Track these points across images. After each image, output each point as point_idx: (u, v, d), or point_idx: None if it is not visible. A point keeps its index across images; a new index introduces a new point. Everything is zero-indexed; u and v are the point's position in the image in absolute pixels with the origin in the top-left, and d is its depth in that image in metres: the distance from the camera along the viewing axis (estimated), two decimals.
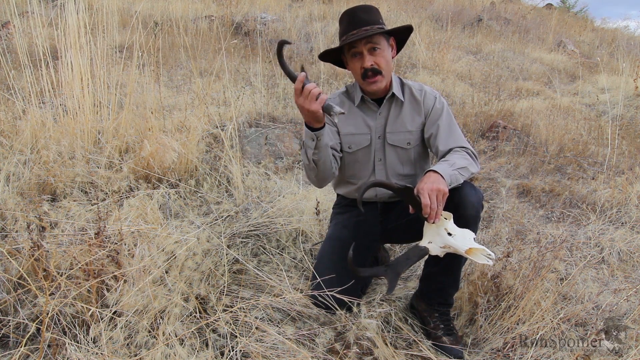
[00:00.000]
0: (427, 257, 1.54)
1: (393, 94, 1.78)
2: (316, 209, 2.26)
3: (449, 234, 1.47)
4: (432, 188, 1.43)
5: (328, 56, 1.83)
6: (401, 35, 1.80)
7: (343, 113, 1.46)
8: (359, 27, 1.66)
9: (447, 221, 1.49)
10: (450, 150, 1.70)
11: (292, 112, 4.06)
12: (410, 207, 1.50)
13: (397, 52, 1.82)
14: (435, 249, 1.49)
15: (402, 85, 1.83)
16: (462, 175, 1.57)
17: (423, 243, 1.50)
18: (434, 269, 1.71)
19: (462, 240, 1.46)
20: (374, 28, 1.66)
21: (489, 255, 1.44)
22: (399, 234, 1.91)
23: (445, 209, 1.50)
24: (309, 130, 1.60)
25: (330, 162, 1.71)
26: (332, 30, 6.80)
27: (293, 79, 1.49)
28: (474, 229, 1.60)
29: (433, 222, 1.46)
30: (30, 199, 2.09)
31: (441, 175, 1.48)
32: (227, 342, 1.49)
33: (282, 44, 1.48)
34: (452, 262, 1.63)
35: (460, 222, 1.55)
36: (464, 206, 1.57)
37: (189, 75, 4.54)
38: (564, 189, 3.18)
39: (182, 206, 2.32)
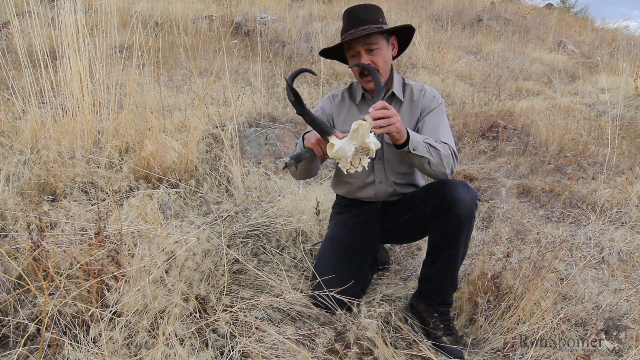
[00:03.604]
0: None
1: (393, 93, 1.79)
2: (316, 209, 2.26)
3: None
4: (394, 112, 1.45)
5: (329, 53, 1.83)
6: (403, 34, 1.80)
7: (286, 166, 1.48)
8: (356, 27, 1.67)
9: (369, 133, 1.40)
10: None
11: (291, 112, 4.06)
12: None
13: (403, 50, 1.83)
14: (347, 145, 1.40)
15: (404, 85, 1.84)
16: (430, 153, 1.56)
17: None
18: (431, 269, 1.71)
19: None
20: (371, 27, 1.66)
21: (375, 143, 1.39)
22: (398, 233, 1.91)
23: (438, 207, 1.50)
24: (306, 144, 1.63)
25: (311, 170, 1.76)
26: (332, 30, 6.80)
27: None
28: (468, 227, 1.60)
29: (365, 120, 1.39)
30: (30, 199, 2.09)
31: (407, 131, 1.50)
32: (227, 342, 1.49)
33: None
34: (449, 261, 1.64)
35: (454, 220, 1.57)
36: (457, 205, 1.57)
37: (189, 75, 4.54)
38: (564, 189, 3.18)
39: (182, 206, 2.32)
